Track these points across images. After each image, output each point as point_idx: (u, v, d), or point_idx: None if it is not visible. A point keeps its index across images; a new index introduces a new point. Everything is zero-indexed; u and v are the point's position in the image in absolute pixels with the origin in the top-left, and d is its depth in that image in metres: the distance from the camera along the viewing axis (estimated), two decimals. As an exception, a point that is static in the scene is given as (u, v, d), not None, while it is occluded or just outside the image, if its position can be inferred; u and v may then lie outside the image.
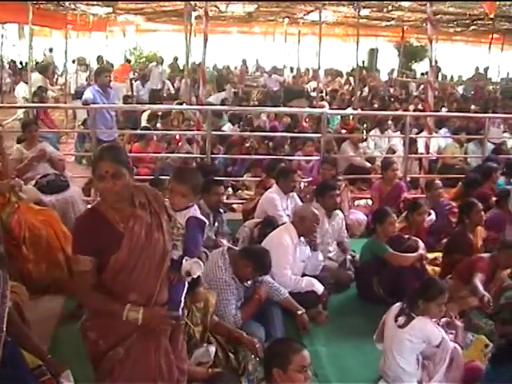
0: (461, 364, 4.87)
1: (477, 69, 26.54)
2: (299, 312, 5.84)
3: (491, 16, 17.05)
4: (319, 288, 6.23)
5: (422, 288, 4.97)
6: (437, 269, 7.14)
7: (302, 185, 9.48)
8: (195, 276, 3.86)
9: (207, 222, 4.75)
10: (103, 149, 3.60)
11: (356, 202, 9.98)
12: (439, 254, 7.43)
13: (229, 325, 5.17)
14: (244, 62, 27.04)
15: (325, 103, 16.88)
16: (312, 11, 18.89)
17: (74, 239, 3.62)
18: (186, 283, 3.95)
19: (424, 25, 14.51)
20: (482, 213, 7.26)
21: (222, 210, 7.29)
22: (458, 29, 24.45)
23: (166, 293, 3.76)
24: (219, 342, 4.94)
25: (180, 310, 3.90)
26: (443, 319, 5.53)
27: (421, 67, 28.45)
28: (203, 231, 4.44)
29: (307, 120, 14.69)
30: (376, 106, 18.65)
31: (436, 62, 27.25)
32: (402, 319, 4.87)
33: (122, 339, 3.58)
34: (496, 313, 6.01)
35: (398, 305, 5.07)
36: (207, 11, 11.25)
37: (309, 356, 3.85)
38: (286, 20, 22.99)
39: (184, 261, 3.82)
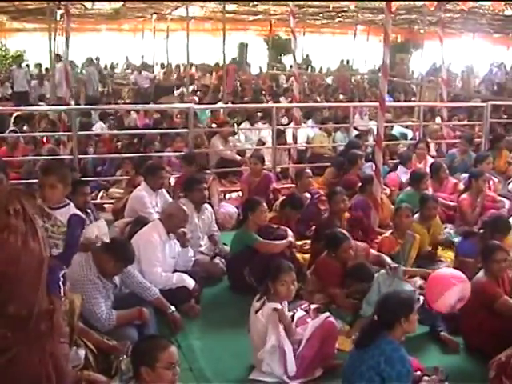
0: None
1: (342, 61, 27.32)
2: (170, 311, 5.81)
3: (353, 8, 17.65)
4: (190, 283, 6.24)
5: (268, 271, 5.09)
6: (306, 256, 7.27)
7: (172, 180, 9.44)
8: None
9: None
10: None
11: (227, 196, 10.06)
12: (308, 241, 7.58)
13: (96, 333, 5.01)
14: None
15: (195, 98, 16.91)
16: (179, 7, 18.86)
17: None
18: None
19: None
20: (346, 198, 7.53)
21: (89, 211, 7.15)
22: (325, 21, 25.03)
23: (47, 298, 3.63)
24: (87, 344, 4.85)
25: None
26: (312, 306, 5.68)
27: (290, 60, 28.87)
28: (83, 227, 5.20)
29: (178, 116, 14.66)
30: (247, 99, 18.81)
31: (307, 55, 28.11)
32: (257, 304, 4.98)
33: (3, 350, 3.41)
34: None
35: None
36: (68, 9, 11.09)
37: (176, 352, 3.86)
38: (154, 16, 22.86)
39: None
